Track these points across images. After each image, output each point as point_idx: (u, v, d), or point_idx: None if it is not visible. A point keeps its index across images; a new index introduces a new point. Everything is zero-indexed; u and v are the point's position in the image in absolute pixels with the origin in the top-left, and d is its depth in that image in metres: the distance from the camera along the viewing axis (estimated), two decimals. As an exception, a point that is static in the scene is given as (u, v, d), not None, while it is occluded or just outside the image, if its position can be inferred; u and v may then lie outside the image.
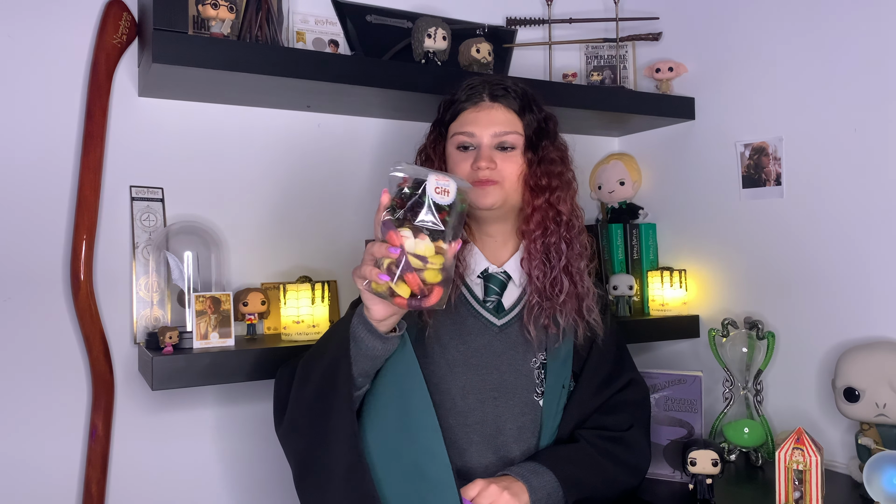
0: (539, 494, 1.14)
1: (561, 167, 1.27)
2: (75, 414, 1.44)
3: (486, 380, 1.22)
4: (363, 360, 1.11)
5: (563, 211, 1.25)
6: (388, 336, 1.10)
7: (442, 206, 0.99)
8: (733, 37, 1.76)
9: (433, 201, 0.99)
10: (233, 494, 1.59)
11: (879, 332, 1.47)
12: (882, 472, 1.25)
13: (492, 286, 1.27)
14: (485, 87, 1.26)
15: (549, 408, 1.25)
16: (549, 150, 1.26)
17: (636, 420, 1.31)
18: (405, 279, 0.97)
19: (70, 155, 1.44)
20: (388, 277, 0.98)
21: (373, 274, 0.99)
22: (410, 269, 0.97)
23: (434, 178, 0.99)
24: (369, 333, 1.09)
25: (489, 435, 1.21)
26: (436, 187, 0.99)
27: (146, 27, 1.35)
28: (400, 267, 0.97)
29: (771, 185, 1.67)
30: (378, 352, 1.11)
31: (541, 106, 1.29)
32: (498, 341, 1.25)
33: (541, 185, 1.24)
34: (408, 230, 0.98)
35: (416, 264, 0.97)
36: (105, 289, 1.45)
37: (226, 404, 1.58)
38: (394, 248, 0.97)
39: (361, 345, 1.10)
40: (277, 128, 1.64)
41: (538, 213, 1.24)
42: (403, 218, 0.99)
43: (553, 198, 1.24)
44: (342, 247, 1.69)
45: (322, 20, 1.66)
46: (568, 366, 1.28)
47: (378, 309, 1.06)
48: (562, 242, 1.24)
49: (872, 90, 1.48)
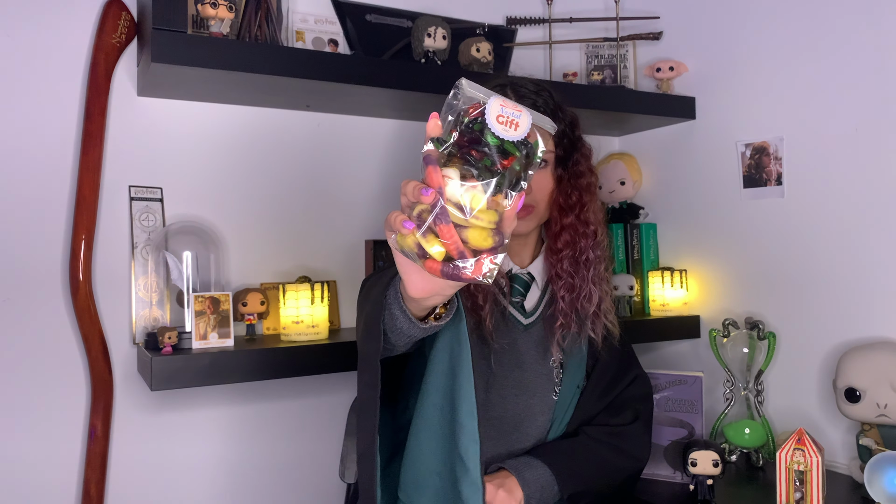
0: (532, 488, 1.14)
1: (589, 178, 1.25)
2: (74, 414, 1.43)
3: (509, 377, 1.23)
4: (397, 335, 0.93)
5: (591, 222, 1.24)
6: (426, 324, 0.90)
7: (506, 143, 0.71)
8: (734, 36, 1.75)
9: (495, 134, 0.71)
10: (233, 495, 1.59)
11: (880, 333, 1.46)
12: (883, 473, 1.25)
13: (516, 287, 1.27)
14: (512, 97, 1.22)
15: (562, 406, 1.26)
16: (579, 162, 1.25)
17: (639, 413, 1.32)
18: (438, 233, 0.70)
19: (69, 155, 1.43)
20: (412, 226, 0.72)
21: (397, 221, 0.73)
22: (447, 219, 0.70)
23: (498, 103, 0.71)
24: (401, 313, 0.90)
25: (506, 431, 1.22)
26: (498, 115, 0.71)
27: (145, 27, 1.34)
28: (432, 215, 0.70)
29: (772, 184, 1.66)
30: (415, 334, 0.92)
31: (565, 109, 1.26)
32: (522, 340, 1.25)
33: (570, 202, 1.23)
34: (454, 170, 0.71)
35: (456, 218, 0.70)
36: (104, 289, 1.45)
37: (225, 405, 1.58)
38: (426, 191, 0.69)
39: (396, 321, 0.91)
40: (277, 128, 1.63)
41: (567, 232, 1.23)
42: (452, 154, 0.72)
43: (583, 213, 1.23)
44: (342, 247, 1.69)
45: (322, 19, 1.65)
46: (583, 366, 1.29)
47: (414, 281, 0.80)
48: (589, 253, 1.24)
49: (873, 90, 1.47)
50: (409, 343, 0.96)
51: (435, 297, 0.83)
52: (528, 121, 0.72)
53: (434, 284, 0.80)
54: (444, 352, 1.02)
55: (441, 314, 0.92)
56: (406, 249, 0.73)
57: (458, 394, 1.00)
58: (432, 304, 0.86)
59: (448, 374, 1.02)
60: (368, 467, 0.99)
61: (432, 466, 1.04)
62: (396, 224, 0.73)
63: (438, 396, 1.03)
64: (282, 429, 1.64)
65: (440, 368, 1.03)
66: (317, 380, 1.65)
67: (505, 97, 0.73)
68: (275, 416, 1.63)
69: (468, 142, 0.72)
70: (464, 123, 0.72)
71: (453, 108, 0.73)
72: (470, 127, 0.72)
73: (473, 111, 0.72)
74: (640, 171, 1.99)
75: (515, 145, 0.72)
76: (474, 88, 0.73)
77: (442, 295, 0.82)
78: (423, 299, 0.83)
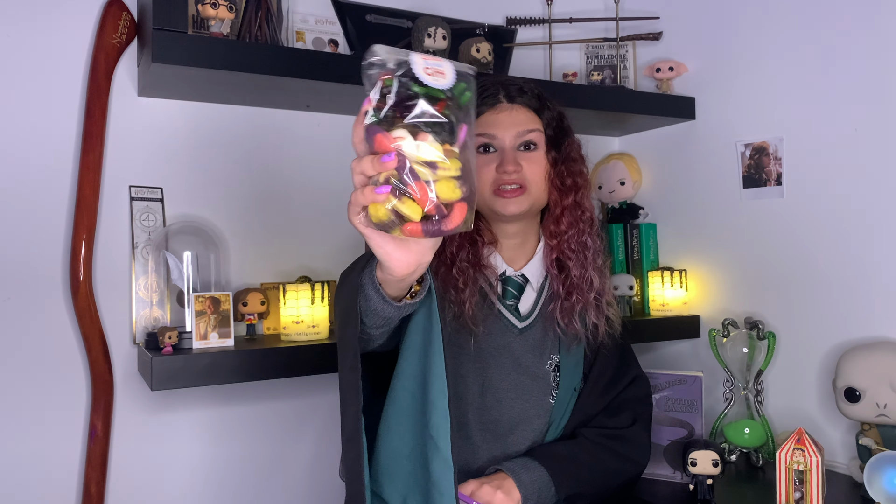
0: (529, 489, 1.14)
1: (581, 165, 1.27)
2: (74, 414, 1.44)
3: (504, 380, 1.22)
4: (372, 317, 0.94)
5: (587, 208, 1.25)
6: (402, 303, 0.92)
7: (431, 89, 0.73)
8: (734, 36, 1.75)
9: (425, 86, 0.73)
10: (232, 494, 1.59)
11: (880, 332, 1.46)
12: (883, 473, 1.25)
13: (510, 289, 1.26)
14: (499, 88, 1.25)
15: (559, 408, 1.25)
16: (571, 147, 1.26)
17: (638, 415, 1.32)
18: (410, 192, 0.72)
19: (69, 155, 1.43)
20: (388, 189, 0.72)
21: (366, 193, 0.74)
22: (416, 176, 0.72)
23: (420, 58, 0.74)
24: (376, 293, 0.91)
25: (501, 434, 1.22)
26: (425, 67, 0.73)
27: (145, 27, 1.34)
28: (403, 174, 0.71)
29: (772, 184, 1.66)
30: (390, 314, 0.93)
31: (553, 103, 1.28)
32: (518, 343, 1.25)
33: (567, 184, 1.23)
34: (402, 129, 0.73)
35: (423, 173, 0.72)
36: (104, 289, 1.45)
37: (225, 405, 1.58)
38: (387, 157, 0.72)
39: (371, 302, 0.92)
40: (277, 128, 1.63)
41: (569, 213, 1.23)
42: (392, 117, 0.73)
43: (579, 196, 1.24)
44: (342, 247, 1.69)
45: (322, 20, 1.65)
46: (580, 368, 1.28)
47: (397, 258, 0.81)
48: (589, 239, 1.25)
49: (873, 90, 1.47)
50: (385, 327, 0.97)
51: (418, 270, 0.84)
52: (452, 68, 0.75)
53: (414, 255, 0.81)
54: (417, 333, 1.02)
55: (416, 292, 0.94)
56: (382, 221, 0.74)
57: (430, 372, 0.99)
58: (414, 279, 0.88)
59: (420, 355, 1.01)
60: (354, 449, 0.98)
61: (403, 451, 1.03)
62: (367, 195, 0.74)
63: (409, 380, 1.02)
64: (282, 429, 1.64)
65: (413, 350, 1.02)
66: (317, 380, 1.65)
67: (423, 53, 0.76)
68: (275, 416, 1.63)
69: (400, 101, 0.73)
70: (393, 85, 0.73)
71: (373, 77, 0.74)
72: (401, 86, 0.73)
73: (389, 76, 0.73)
74: (639, 171, 1.99)
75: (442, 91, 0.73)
76: (388, 51, 0.74)
77: (423, 263, 0.84)
78: (408, 274, 0.84)
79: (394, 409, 1.05)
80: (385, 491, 1.06)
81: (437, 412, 0.99)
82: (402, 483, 1.04)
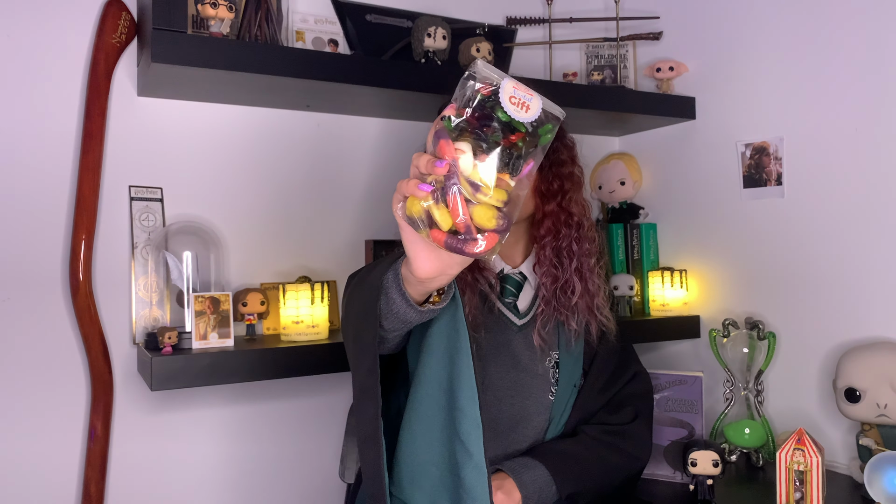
0: (530, 489, 1.14)
1: (570, 167, 1.26)
2: (74, 414, 1.43)
3: (504, 378, 1.23)
4: (392, 320, 0.94)
5: (574, 212, 1.24)
6: (424, 308, 0.92)
7: (518, 123, 0.74)
8: (734, 36, 1.75)
9: (507, 114, 0.73)
10: (232, 494, 1.59)
11: (880, 333, 1.46)
12: (883, 473, 1.25)
13: (508, 287, 1.27)
14: None
15: (559, 405, 1.26)
16: (560, 151, 1.25)
17: (639, 411, 1.32)
18: (448, 203, 0.73)
19: (69, 155, 1.43)
20: (430, 188, 0.74)
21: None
22: (459, 192, 0.73)
23: (511, 85, 0.74)
24: (400, 296, 0.91)
25: (502, 432, 1.22)
26: (511, 96, 0.73)
27: (145, 27, 1.34)
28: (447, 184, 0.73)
29: (772, 184, 1.66)
30: (411, 318, 0.93)
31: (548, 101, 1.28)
32: (517, 341, 1.25)
33: (552, 189, 1.23)
34: (466, 143, 0.74)
35: (466, 191, 0.73)
36: (104, 289, 1.45)
37: (225, 405, 1.58)
38: (440, 162, 0.73)
39: (393, 305, 0.93)
40: (277, 127, 1.63)
41: (549, 219, 1.23)
42: (464, 129, 0.75)
43: (564, 201, 1.23)
44: (342, 247, 1.69)
45: (321, 19, 1.65)
46: (580, 365, 1.29)
47: (423, 259, 0.82)
48: (573, 244, 1.23)
49: (873, 90, 1.47)
50: (402, 330, 0.97)
51: (440, 278, 0.84)
52: (539, 105, 0.75)
53: (441, 263, 0.82)
54: (441, 339, 1.02)
55: (437, 301, 0.94)
56: (413, 216, 0.76)
57: (458, 380, 1.00)
58: (436, 286, 0.88)
59: (445, 362, 1.01)
60: (374, 450, 0.97)
61: (428, 458, 1.03)
62: (410, 187, 0.76)
63: (433, 387, 1.02)
64: (282, 429, 1.64)
65: (436, 357, 1.02)
66: (317, 380, 1.65)
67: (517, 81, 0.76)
68: (275, 416, 1.63)
69: (479, 118, 0.74)
70: (476, 101, 0.74)
71: (466, 88, 0.75)
72: (483, 104, 0.74)
73: (486, 90, 0.74)
74: (640, 171, 1.99)
75: (522, 125, 0.74)
76: (489, 69, 0.75)
77: (447, 275, 0.84)
78: (429, 280, 0.84)
79: (416, 416, 1.05)
80: (408, 495, 1.06)
81: (468, 419, 0.99)
82: (429, 488, 1.04)
